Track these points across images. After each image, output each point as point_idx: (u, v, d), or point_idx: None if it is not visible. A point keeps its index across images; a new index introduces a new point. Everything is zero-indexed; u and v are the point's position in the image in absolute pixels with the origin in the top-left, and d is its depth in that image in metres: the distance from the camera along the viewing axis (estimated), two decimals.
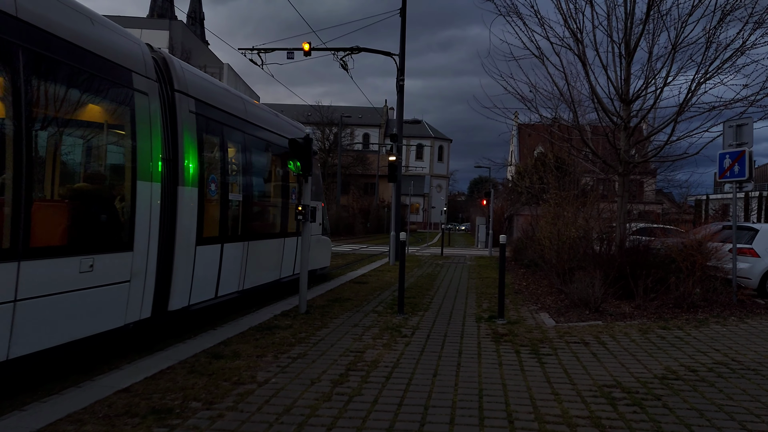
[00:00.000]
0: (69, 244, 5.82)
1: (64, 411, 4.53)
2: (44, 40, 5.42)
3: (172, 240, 7.48)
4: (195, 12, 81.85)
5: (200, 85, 8.54)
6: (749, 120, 10.65)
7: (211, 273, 8.50)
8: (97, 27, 6.40)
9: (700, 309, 9.82)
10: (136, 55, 7.04)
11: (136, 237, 6.71)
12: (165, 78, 7.69)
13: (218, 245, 8.66)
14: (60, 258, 5.56)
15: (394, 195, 22.09)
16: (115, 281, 6.36)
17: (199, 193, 8.06)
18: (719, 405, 5.09)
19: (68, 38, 5.75)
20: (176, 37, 42.83)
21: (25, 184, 5.11)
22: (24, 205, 5.09)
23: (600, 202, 15.30)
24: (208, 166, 8.53)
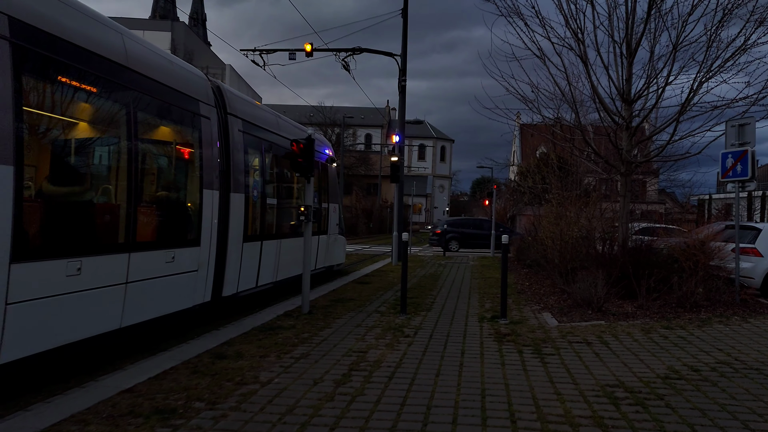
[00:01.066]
0: (159, 240, 7.44)
1: (68, 411, 4.55)
2: (144, 82, 7.05)
3: (225, 238, 9.00)
4: (197, 13, 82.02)
5: (245, 107, 10.22)
6: (752, 119, 10.63)
7: (253, 266, 10.06)
8: (175, 67, 8.09)
9: (702, 308, 9.81)
10: (201, 86, 8.67)
11: (202, 235, 8.32)
12: (220, 103, 9.25)
13: (258, 242, 10.22)
14: (154, 251, 7.18)
15: (396, 195, 22.09)
16: (187, 270, 7.96)
17: (245, 199, 9.65)
18: (722, 404, 5.08)
19: (159, 79, 7.40)
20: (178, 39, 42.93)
21: (134, 194, 6.74)
22: (132, 210, 6.69)
23: (602, 202, 15.29)
24: (251, 175, 10.20)
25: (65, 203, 6.02)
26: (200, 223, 8.30)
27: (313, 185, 12.79)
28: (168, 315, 7.53)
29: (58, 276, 5.51)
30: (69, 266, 5.64)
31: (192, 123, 8.30)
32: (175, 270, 7.61)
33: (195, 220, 8.27)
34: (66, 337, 5.68)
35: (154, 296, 7.18)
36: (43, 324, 5.38)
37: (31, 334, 5.24)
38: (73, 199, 6.17)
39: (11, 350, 4.98)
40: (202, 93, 8.62)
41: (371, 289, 12.90)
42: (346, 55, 21.09)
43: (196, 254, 8.15)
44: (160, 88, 7.42)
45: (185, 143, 8.36)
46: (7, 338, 4.91)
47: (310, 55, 20.17)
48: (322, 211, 14.35)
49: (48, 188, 5.79)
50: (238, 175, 9.48)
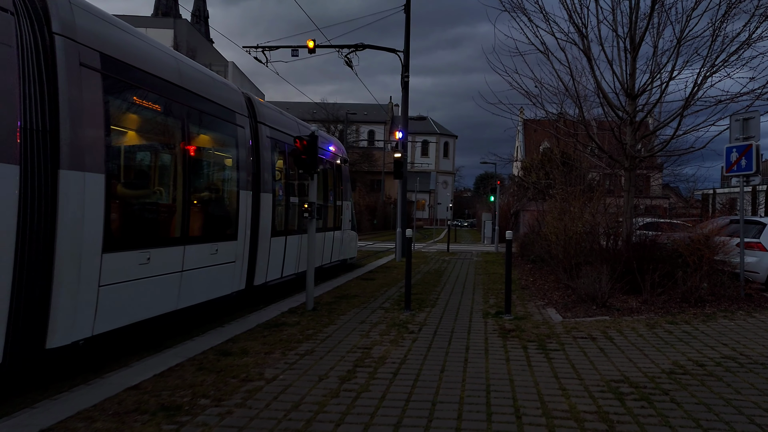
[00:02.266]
0: (206, 235, 8.49)
1: (74, 408, 4.57)
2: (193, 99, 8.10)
3: (256, 233, 10.02)
4: (199, 10, 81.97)
5: (272, 115, 11.27)
6: (756, 113, 10.59)
7: (278, 258, 11.08)
8: (216, 82, 9.27)
9: (707, 303, 9.79)
10: (237, 99, 9.77)
11: (239, 231, 9.35)
12: (251, 113, 10.26)
13: (283, 237, 11.24)
14: (202, 244, 8.21)
15: (400, 192, 22.08)
16: (227, 261, 8.97)
17: (272, 198, 10.69)
18: (727, 399, 5.08)
19: (205, 95, 8.47)
20: (181, 36, 42.93)
21: (187, 196, 7.81)
22: (186, 209, 7.75)
23: (606, 197, 15.24)
24: (277, 177, 11.22)
25: (138, 204, 7.22)
26: (237, 220, 9.37)
27: (329, 184, 14.82)
28: (211, 300, 8.60)
29: (133, 264, 6.60)
30: (141, 256, 6.74)
31: (231, 132, 9.42)
32: (218, 261, 8.69)
33: (233, 217, 9.35)
34: (138, 316, 6.79)
35: (202, 283, 8.24)
36: (123, 304, 6.45)
37: (114, 312, 6.30)
38: (143, 200, 7.35)
39: (101, 323, 6.08)
40: (238, 104, 9.71)
41: (375, 285, 12.91)
42: (349, 51, 21.08)
43: (234, 248, 9.20)
44: (206, 102, 8.51)
45: (226, 150, 9.57)
46: (99, 314, 6.03)
47: (313, 51, 20.17)
48: (337, 208, 15.63)
49: (125, 192, 6.85)
50: (267, 176, 10.51)
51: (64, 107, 5.59)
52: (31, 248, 5.25)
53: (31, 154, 5.26)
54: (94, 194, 5.91)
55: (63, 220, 5.54)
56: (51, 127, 5.49)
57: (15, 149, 5.03)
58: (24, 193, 5.14)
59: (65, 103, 5.60)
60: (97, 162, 5.94)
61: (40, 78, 5.44)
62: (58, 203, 5.51)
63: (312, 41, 20.06)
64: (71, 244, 5.63)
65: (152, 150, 7.78)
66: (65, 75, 5.63)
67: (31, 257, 5.25)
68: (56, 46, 5.60)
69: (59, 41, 5.63)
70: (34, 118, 5.34)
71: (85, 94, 5.86)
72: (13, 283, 5.01)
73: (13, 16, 5.17)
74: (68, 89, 5.65)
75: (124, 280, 6.42)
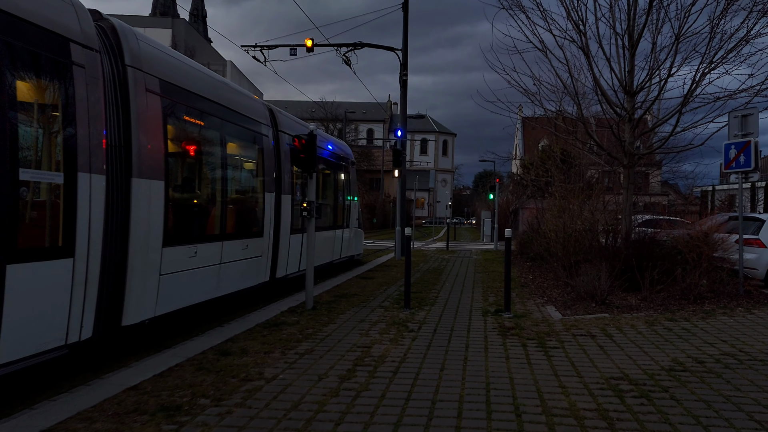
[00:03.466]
0: (239, 232, 9.63)
1: (74, 409, 4.56)
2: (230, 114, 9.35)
3: (278, 231, 11.12)
4: (197, 10, 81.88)
5: (289, 124, 12.42)
6: (755, 110, 10.59)
7: (296, 254, 12.22)
8: (248, 99, 10.49)
9: (706, 300, 9.79)
10: (262, 110, 10.92)
11: (265, 228, 10.46)
12: (273, 122, 11.35)
13: (300, 235, 12.12)
14: (236, 240, 9.33)
15: (399, 190, 22.08)
16: (255, 256, 10.06)
17: (291, 199, 11.79)
18: (727, 396, 5.08)
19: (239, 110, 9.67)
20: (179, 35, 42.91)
21: (224, 198, 9.09)
22: (224, 210, 9.00)
23: (605, 195, 15.25)
24: (294, 179, 12.30)
25: (188, 206, 8.37)
26: (263, 219, 10.48)
27: (339, 185, 16.08)
28: (242, 290, 9.62)
29: (185, 257, 7.72)
30: (190, 250, 7.87)
31: (258, 140, 10.48)
32: (248, 255, 9.77)
33: (260, 217, 10.44)
34: (187, 301, 7.85)
35: (235, 275, 9.27)
36: (176, 290, 7.52)
37: (170, 297, 7.36)
38: (191, 202, 8.48)
39: (161, 306, 7.17)
40: (263, 116, 10.82)
41: (375, 284, 12.91)
42: (347, 50, 21.03)
43: (260, 244, 10.29)
44: (238, 116, 9.64)
45: (254, 156, 10.56)
46: (159, 298, 7.08)
47: (311, 50, 20.12)
48: (346, 208, 16.83)
49: (178, 196, 7.99)
50: (286, 179, 11.65)
51: (134, 126, 6.69)
52: (113, 243, 6.34)
53: (112, 166, 6.34)
54: (156, 198, 7.04)
55: (134, 220, 6.64)
56: (125, 143, 6.60)
57: (102, 163, 6.11)
58: (108, 198, 6.20)
59: (135, 122, 6.71)
60: (158, 171, 7.07)
61: (116, 102, 6.53)
62: (130, 206, 6.62)
63: (310, 40, 20.01)
64: (140, 239, 6.72)
65: (198, 159, 8.82)
66: (135, 99, 6.73)
67: (113, 251, 6.35)
68: (128, 76, 6.72)
69: (130, 71, 6.74)
70: (113, 136, 6.43)
71: (149, 115, 6.98)
72: (101, 273, 6.06)
73: (98, 53, 6.18)
74: (137, 111, 6.75)
75: (178, 270, 7.57)
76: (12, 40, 5.04)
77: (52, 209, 5.54)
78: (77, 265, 5.68)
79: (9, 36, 5.00)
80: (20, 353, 5.02)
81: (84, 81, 5.90)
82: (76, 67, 5.81)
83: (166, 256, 7.18)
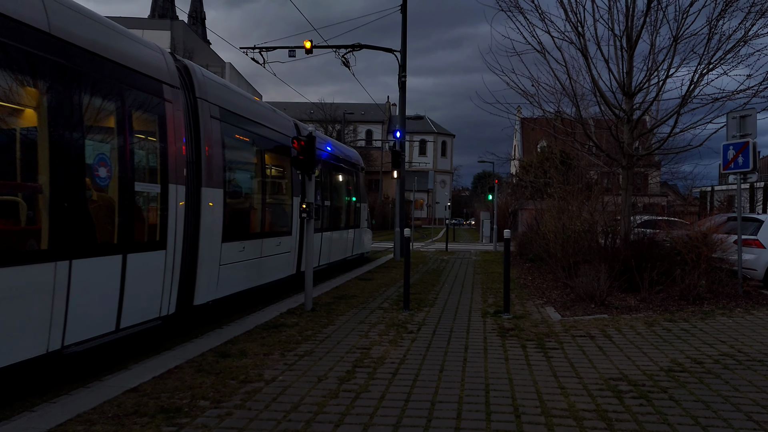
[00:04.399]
0: (274, 231, 11.18)
1: (73, 411, 4.56)
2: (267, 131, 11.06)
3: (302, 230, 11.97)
4: (196, 11, 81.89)
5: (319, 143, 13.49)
6: (753, 111, 10.61)
7: (317, 250, 13.44)
8: (279, 116, 12.18)
9: (705, 301, 9.80)
10: (290, 125, 12.52)
11: (293, 227, 12.00)
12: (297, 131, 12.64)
13: (320, 234, 13.75)
14: (272, 238, 10.90)
15: (398, 191, 22.08)
16: (286, 251, 11.58)
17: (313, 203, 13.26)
18: (725, 397, 5.09)
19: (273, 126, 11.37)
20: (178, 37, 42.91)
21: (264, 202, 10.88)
22: (263, 212, 10.84)
23: (604, 196, 15.26)
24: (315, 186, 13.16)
25: (239, 209, 9.97)
26: (291, 219, 11.96)
27: (351, 188, 17.83)
28: (275, 281, 11.08)
29: (236, 251, 9.29)
30: (240, 245, 9.48)
31: (286, 152, 11.51)
32: (280, 251, 11.26)
33: (290, 218, 11.91)
34: (237, 288, 9.41)
35: (271, 267, 10.75)
36: (230, 278, 9.09)
37: (226, 284, 8.99)
38: (241, 206, 10.18)
39: (220, 291, 8.83)
40: (290, 129, 12.39)
41: (374, 285, 12.92)
42: (346, 51, 21.03)
43: (289, 241, 11.77)
44: (272, 131, 11.30)
45: (284, 166, 11.92)
46: (219, 284, 8.75)
47: (310, 52, 20.11)
48: (357, 209, 18.60)
49: (232, 201, 9.41)
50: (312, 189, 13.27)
51: (203, 146, 8.30)
52: (189, 239, 7.86)
53: (189, 178, 7.86)
54: (218, 203, 8.66)
55: (203, 221, 8.24)
56: (196, 160, 8.17)
57: (183, 176, 7.69)
58: (186, 203, 7.73)
59: (203, 143, 8.31)
60: (219, 181, 8.72)
61: (190, 127, 8.07)
62: (200, 209, 8.20)
63: (309, 42, 20.00)
64: (207, 236, 8.34)
65: (244, 170, 10.49)
66: (203, 124, 8.35)
67: (189, 245, 7.87)
68: (198, 106, 8.33)
69: (200, 102, 8.37)
70: (189, 154, 7.99)
71: (212, 136, 8.61)
72: (182, 262, 7.64)
73: (179, 90, 7.77)
74: (204, 133, 8.36)
75: (232, 261, 9.13)
76: (129, 86, 6.67)
77: (153, 213, 7.19)
78: (167, 256, 7.30)
79: (127, 83, 6.65)
80: (134, 320, 6.66)
81: (172, 113, 7.53)
82: (167, 103, 7.43)
83: (224, 250, 8.83)
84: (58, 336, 5.44)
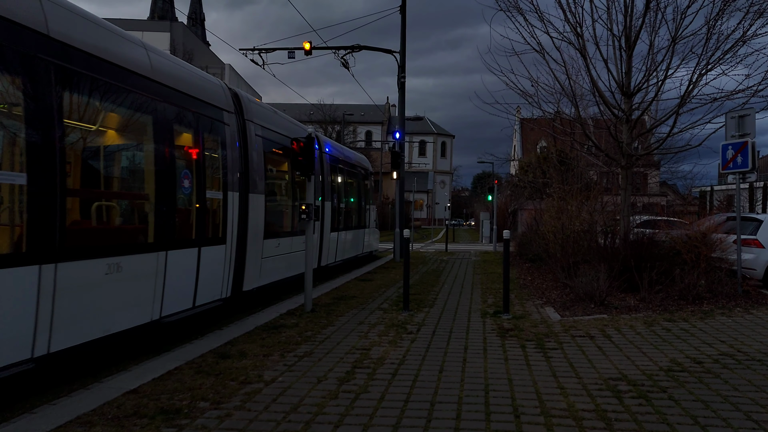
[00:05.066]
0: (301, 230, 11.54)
1: (73, 413, 4.57)
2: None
3: (322, 230, 14.13)
4: (195, 13, 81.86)
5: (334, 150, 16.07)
6: (751, 110, 10.62)
7: (334, 248, 15.51)
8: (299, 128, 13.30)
9: (705, 301, 9.80)
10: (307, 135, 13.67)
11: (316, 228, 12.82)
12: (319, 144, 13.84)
13: (336, 233, 15.60)
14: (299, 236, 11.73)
15: (397, 192, 22.08)
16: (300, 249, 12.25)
17: (331, 204, 15.10)
18: (725, 396, 5.10)
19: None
20: (177, 39, 42.91)
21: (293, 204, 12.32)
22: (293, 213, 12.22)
23: (604, 195, 15.28)
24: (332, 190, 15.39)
25: (275, 211, 11.47)
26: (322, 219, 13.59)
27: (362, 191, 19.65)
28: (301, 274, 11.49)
29: (273, 246, 10.91)
30: (276, 242, 11.07)
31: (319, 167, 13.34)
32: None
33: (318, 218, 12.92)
34: (274, 277, 11.10)
35: (298, 262, 11.62)
36: (270, 270, 10.74)
37: (267, 274, 10.64)
38: (277, 209, 11.77)
39: (263, 279, 10.46)
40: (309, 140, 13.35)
41: (373, 286, 12.92)
42: (345, 53, 21.05)
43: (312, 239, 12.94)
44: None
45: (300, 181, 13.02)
46: (261, 273, 10.35)
47: (309, 53, 20.12)
48: (367, 211, 20.51)
49: (270, 205, 10.85)
50: (327, 190, 14.76)
51: (250, 159, 9.88)
52: (240, 236, 9.35)
53: (240, 186, 9.42)
54: (260, 206, 10.15)
55: (250, 221, 9.71)
56: (244, 170, 9.66)
57: (237, 184, 9.30)
58: (240, 207, 9.33)
59: (250, 157, 9.88)
60: (261, 188, 10.23)
61: (240, 143, 9.56)
62: (248, 212, 9.64)
63: (308, 43, 20.02)
64: (253, 234, 9.82)
65: (277, 177, 12.13)
66: (250, 142, 9.94)
67: (240, 240, 9.35)
68: (246, 127, 9.89)
69: (248, 124, 9.95)
70: (240, 166, 9.50)
71: (256, 150, 10.16)
72: (236, 255, 9.20)
73: (233, 114, 9.43)
74: (251, 149, 9.94)
75: (271, 255, 10.74)
76: (202, 114, 8.40)
77: (217, 215, 8.80)
78: (226, 250, 8.87)
79: (201, 112, 8.36)
80: (204, 300, 8.32)
81: (229, 134, 9.19)
82: (226, 126, 9.11)
83: (265, 246, 10.36)
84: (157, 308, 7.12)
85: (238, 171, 9.34)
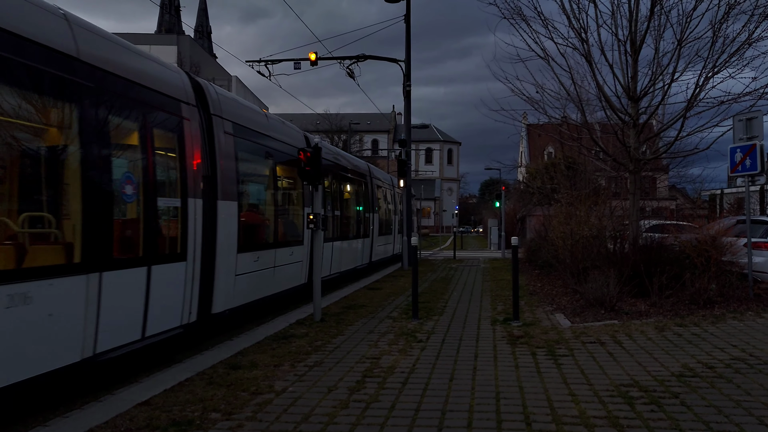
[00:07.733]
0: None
1: (85, 426, 4.59)
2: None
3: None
4: (202, 26, 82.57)
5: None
6: (759, 113, 10.58)
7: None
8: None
9: (716, 305, 9.74)
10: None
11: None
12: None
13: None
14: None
15: (405, 199, 22.12)
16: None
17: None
18: (737, 401, 5.07)
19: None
20: (184, 52, 43.20)
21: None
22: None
23: (612, 200, 15.22)
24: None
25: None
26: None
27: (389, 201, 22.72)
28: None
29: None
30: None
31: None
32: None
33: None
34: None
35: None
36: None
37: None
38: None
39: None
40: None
41: (382, 294, 12.92)
42: (351, 62, 21.17)
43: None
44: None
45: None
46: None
47: (315, 64, 20.25)
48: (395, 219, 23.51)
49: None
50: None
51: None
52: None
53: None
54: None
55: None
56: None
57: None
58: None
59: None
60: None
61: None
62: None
63: (314, 53, 20.15)
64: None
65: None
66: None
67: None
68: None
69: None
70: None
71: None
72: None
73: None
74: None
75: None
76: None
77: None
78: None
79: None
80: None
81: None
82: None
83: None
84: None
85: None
